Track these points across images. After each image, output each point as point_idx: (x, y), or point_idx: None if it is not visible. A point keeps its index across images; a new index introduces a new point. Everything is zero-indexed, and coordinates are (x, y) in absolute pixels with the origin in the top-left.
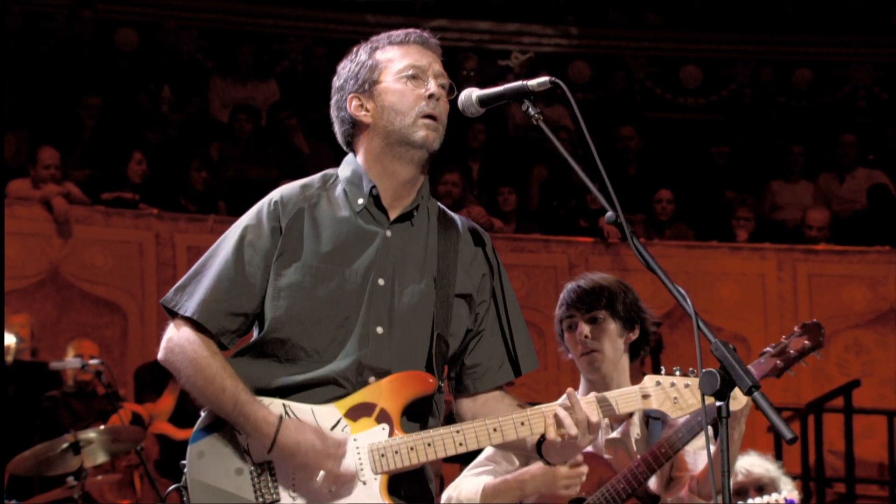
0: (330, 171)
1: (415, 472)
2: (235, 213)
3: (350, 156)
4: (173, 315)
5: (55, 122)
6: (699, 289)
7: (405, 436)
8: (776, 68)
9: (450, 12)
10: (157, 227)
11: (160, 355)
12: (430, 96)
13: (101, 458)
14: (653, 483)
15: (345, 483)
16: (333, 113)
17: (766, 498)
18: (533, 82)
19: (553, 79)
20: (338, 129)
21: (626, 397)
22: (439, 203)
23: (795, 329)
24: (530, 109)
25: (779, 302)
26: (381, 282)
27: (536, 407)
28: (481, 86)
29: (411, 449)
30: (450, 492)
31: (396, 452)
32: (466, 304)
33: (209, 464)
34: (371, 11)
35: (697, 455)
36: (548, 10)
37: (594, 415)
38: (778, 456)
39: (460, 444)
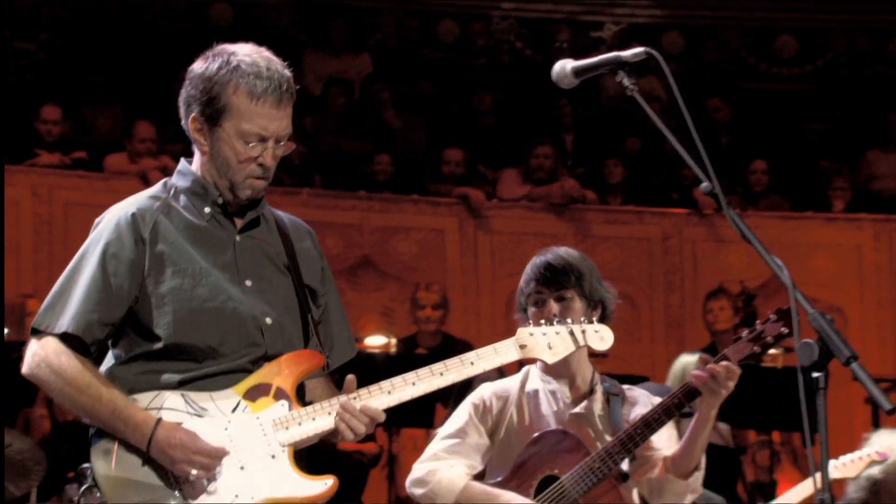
0: (167, 179)
1: (310, 447)
2: (330, 186)
3: (184, 165)
4: (41, 335)
5: (151, 97)
6: (794, 260)
7: (305, 407)
8: (872, 37)
9: None
10: None
11: (24, 370)
12: (261, 165)
13: None
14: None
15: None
16: (180, 107)
17: (857, 453)
18: (627, 53)
19: (648, 49)
20: (182, 121)
21: (503, 348)
22: (269, 207)
23: (770, 315)
24: (625, 81)
25: (875, 272)
26: (248, 283)
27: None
28: (574, 57)
29: (313, 418)
30: (423, 472)
31: (299, 424)
32: (311, 295)
33: (117, 459)
34: None
35: (661, 432)
36: None
37: (378, 412)
38: (876, 427)
39: (360, 409)
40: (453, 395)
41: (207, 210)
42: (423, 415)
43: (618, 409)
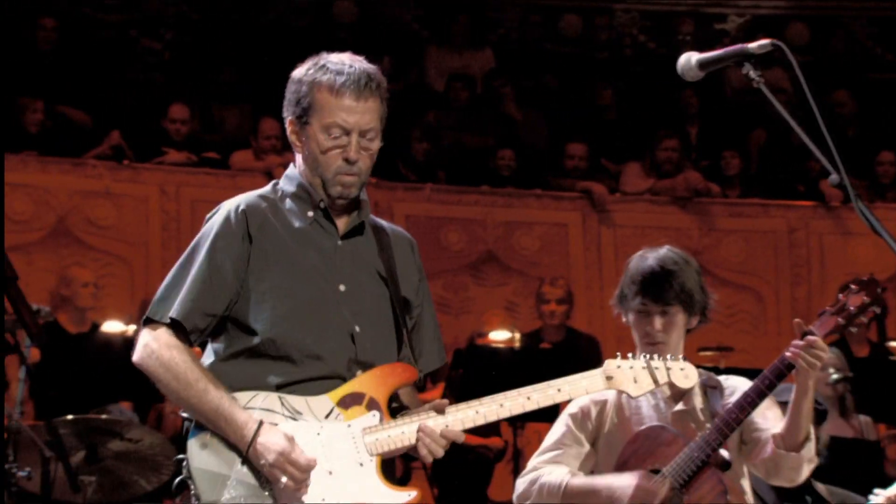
0: (276, 183)
1: (390, 459)
2: (454, 181)
3: (291, 169)
4: (154, 324)
5: (276, 94)
6: None
7: (395, 420)
8: None
9: None
10: (375, 196)
11: (135, 359)
12: (347, 160)
13: None
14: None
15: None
16: (283, 111)
17: None
18: (753, 45)
19: (775, 41)
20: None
21: (591, 380)
22: (372, 216)
23: (851, 286)
24: (751, 73)
25: None
26: (342, 287)
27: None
28: (697, 50)
29: (402, 432)
30: (524, 485)
31: (389, 436)
32: (406, 307)
33: (213, 454)
34: None
35: (766, 414)
36: None
37: (460, 434)
38: None
39: (446, 426)
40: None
41: (311, 214)
42: (548, 409)
43: (717, 400)
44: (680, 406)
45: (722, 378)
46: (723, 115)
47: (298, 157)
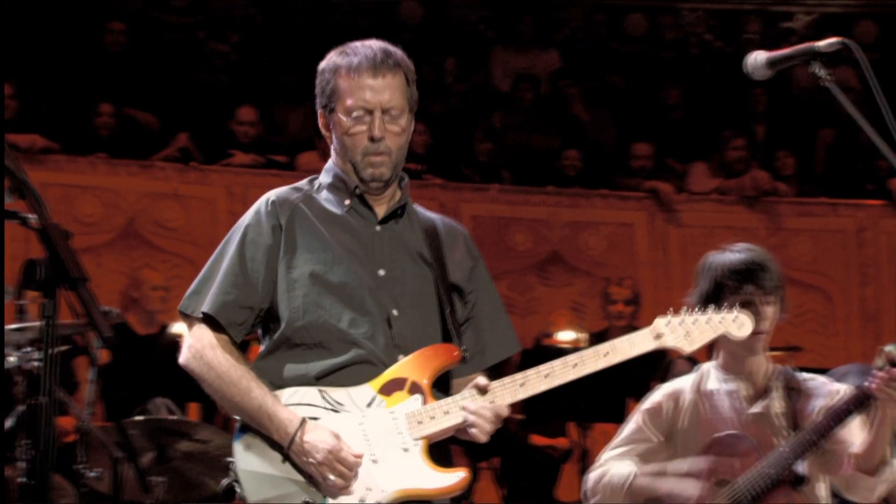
0: (314, 177)
1: (440, 442)
2: (520, 182)
3: (329, 163)
4: (189, 319)
5: None
6: None
7: (439, 401)
8: None
9: None
10: (441, 197)
11: (181, 360)
12: (372, 140)
13: None
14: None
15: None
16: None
17: None
18: (822, 43)
19: (844, 39)
20: None
21: (640, 340)
22: (415, 205)
23: None
24: (820, 71)
25: None
26: (381, 272)
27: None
28: (765, 49)
29: (446, 413)
30: (592, 481)
31: (433, 417)
32: (458, 294)
33: (257, 454)
34: None
35: (850, 427)
36: None
37: (504, 408)
38: None
39: (491, 402)
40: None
41: (347, 202)
42: (614, 409)
43: (797, 404)
44: (758, 408)
45: (803, 378)
46: (790, 113)
47: (332, 149)
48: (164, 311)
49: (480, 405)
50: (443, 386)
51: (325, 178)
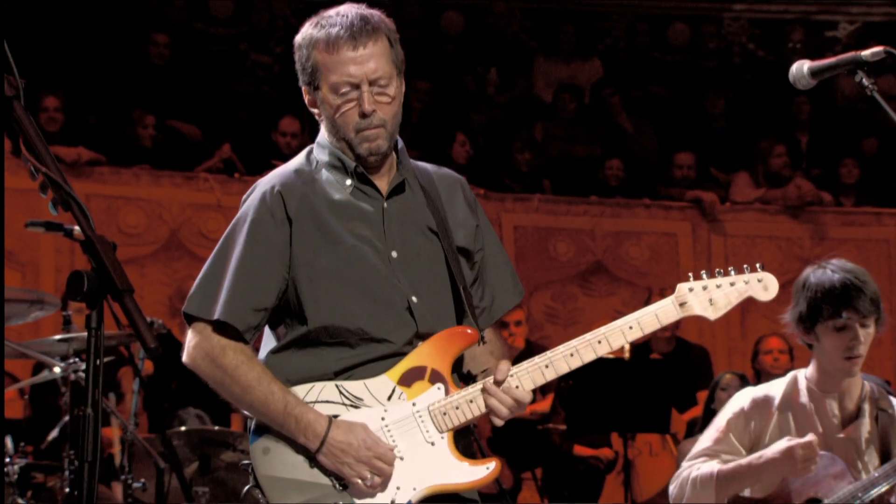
0: (309, 151)
1: (464, 428)
2: (561, 192)
3: (322, 137)
4: (194, 321)
5: None
6: None
7: (462, 390)
8: None
9: None
10: (484, 208)
11: (185, 360)
12: (363, 115)
13: None
14: None
15: (387, 474)
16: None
17: None
18: (867, 53)
19: (888, 49)
20: None
21: (663, 311)
22: (414, 161)
23: None
24: (864, 80)
25: None
26: (394, 254)
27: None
28: (808, 58)
29: (471, 402)
30: (677, 483)
31: (457, 408)
32: (465, 257)
33: (278, 458)
34: None
35: None
36: None
37: (526, 394)
38: None
39: (516, 387)
40: (704, 404)
41: (349, 182)
42: (658, 420)
43: (886, 429)
44: (847, 431)
45: (894, 402)
46: (834, 123)
47: (322, 126)
48: None
49: (499, 392)
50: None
51: (321, 155)
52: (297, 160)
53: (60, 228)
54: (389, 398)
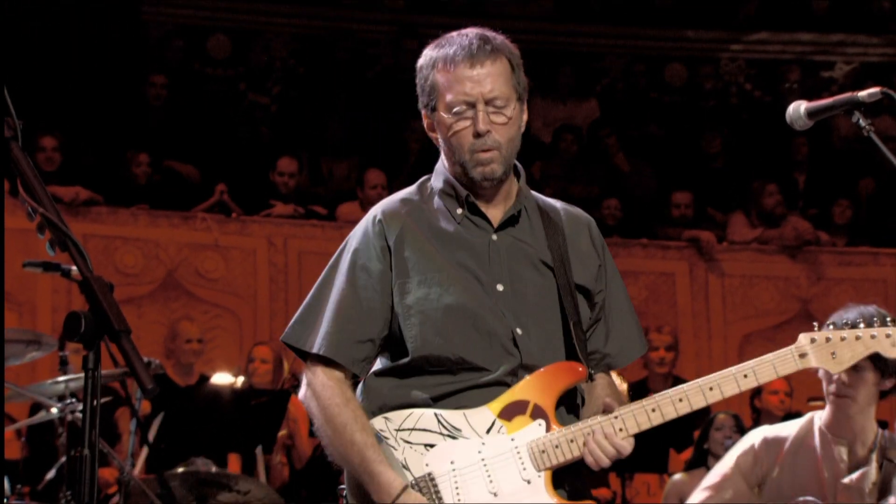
0: (426, 179)
1: (574, 465)
2: None
3: (439, 163)
4: (302, 353)
5: (384, 145)
6: None
7: (563, 428)
8: None
9: (772, 24)
10: None
11: (301, 395)
12: (478, 135)
13: None
14: None
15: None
16: None
17: None
18: (863, 93)
19: (885, 89)
20: None
21: (782, 360)
22: (534, 192)
23: None
24: (861, 121)
25: None
26: (500, 287)
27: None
28: (805, 98)
29: (571, 441)
30: None
31: (557, 447)
32: (585, 296)
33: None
34: (691, 27)
35: None
36: (873, 19)
37: (628, 443)
38: None
39: (620, 430)
40: (695, 442)
41: (459, 211)
42: (656, 459)
43: (888, 477)
44: (851, 480)
45: None
46: (831, 163)
47: (441, 152)
48: (203, 362)
49: (603, 439)
50: (573, 400)
51: (436, 182)
52: (408, 189)
53: (58, 269)
54: (489, 431)
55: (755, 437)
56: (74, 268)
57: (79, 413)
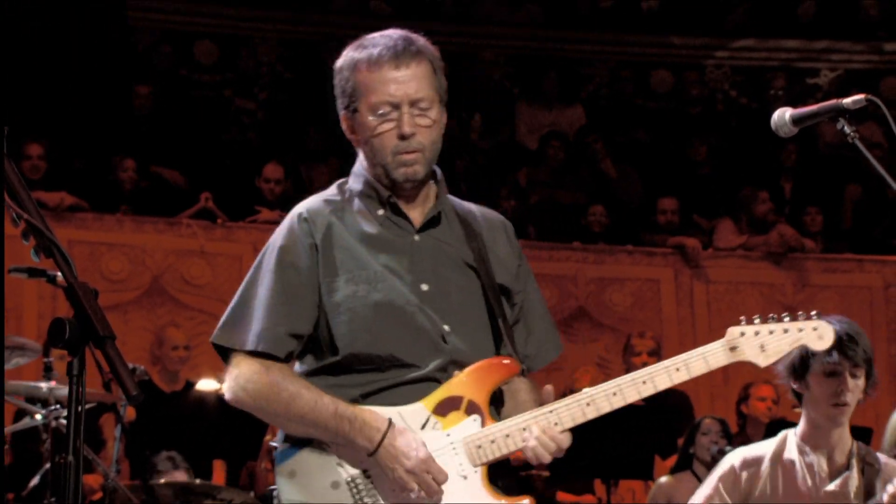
0: (343, 182)
1: (505, 463)
2: (545, 237)
3: (358, 166)
4: (229, 353)
5: None
6: None
7: (499, 424)
8: None
9: (757, 32)
10: None
11: (228, 396)
12: (402, 137)
13: None
14: None
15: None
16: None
17: None
18: (848, 100)
19: (869, 96)
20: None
21: (713, 353)
22: (450, 196)
23: None
24: (846, 128)
25: None
26: (424, 287)
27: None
28: (790, 104)
29: (507, 436)
30: None
31: (493, 442)
32: (506, 296)
33: (303, 483)
34: (677, 33)
35: None
36: (858, 27)
37: (566, 442)
38: None
39: (555, 424)
40: (679, 450)
41: (381, 212)
42: (641, 466)
43: (873, 485)
44: (834, 486)
45: (883, 459)
46: (816, 170)
47: (360, 153)
48: (187, 369)
49: (542, 434)
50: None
51: (355, 184)
52: (328, 191)
53: (43, 275)
54: (423, 427)
55: (734, 458)
56: (59, 274)
57: (63, 419)
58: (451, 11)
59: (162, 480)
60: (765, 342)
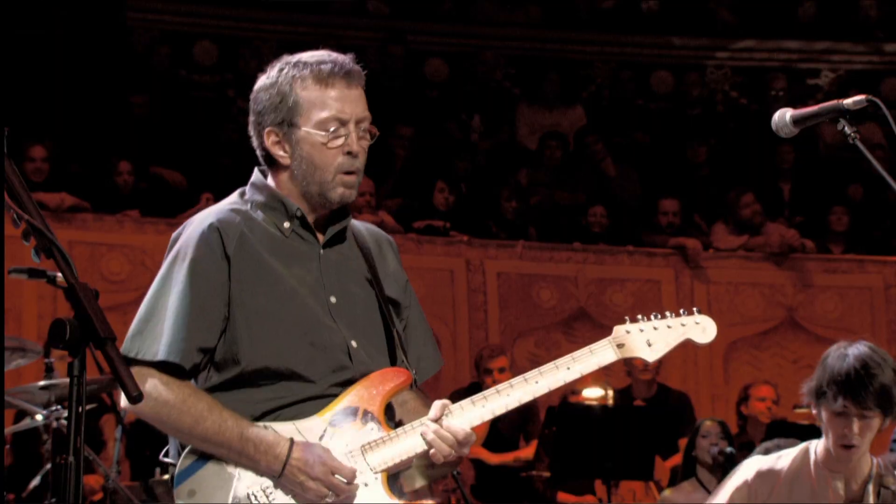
0: (242, 192)
1: (408, 469)
2: (545, 238)
3: (258, 177)
4: (135, 364)
5: (369, 154)
6: None
7: (396, 430)
8: None
9: (757, 32)
10: (467, 254)
11: (140, 407)
12: (349, 153)
13: (419, 482)
14: None
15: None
16: (251, 131)
17: None
18: (849, 101)
19: (870, 97)
20: (255, 146)
21: (601, 350)
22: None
23: None
24: (846, 129)
25: None
26: (333, 299)
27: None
28: (790, 105)
29: (404, 439)
30: None
31: (390, 448)
32: (395, 308)
33: (203, 501)
34: (677, 34)
35: None
36: (858, 27)
37: (463, 433)
38: None
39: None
40: (684, 451)
41: (287, 225)
42: (641, 467)
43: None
44: None
45: None
46: (816, 170)
47: (275, 171)
48: None
49: (440, 428)
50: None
51: (256, 195)
52: (232, 199)
53: (43, 275)
54: (321, 438)
55: (748, 471)
56: (60, 275)
57: (64, 420)
58: (451, 12)
59: (165, 477)
60: (650, 338)
